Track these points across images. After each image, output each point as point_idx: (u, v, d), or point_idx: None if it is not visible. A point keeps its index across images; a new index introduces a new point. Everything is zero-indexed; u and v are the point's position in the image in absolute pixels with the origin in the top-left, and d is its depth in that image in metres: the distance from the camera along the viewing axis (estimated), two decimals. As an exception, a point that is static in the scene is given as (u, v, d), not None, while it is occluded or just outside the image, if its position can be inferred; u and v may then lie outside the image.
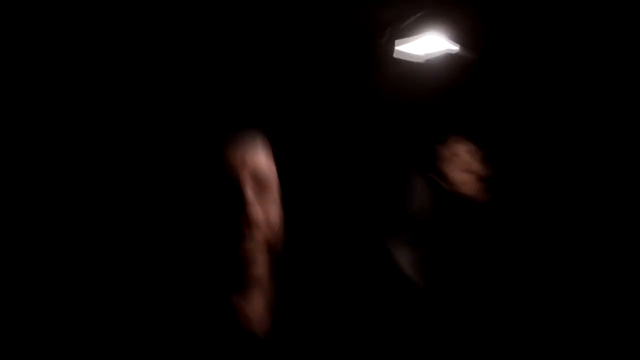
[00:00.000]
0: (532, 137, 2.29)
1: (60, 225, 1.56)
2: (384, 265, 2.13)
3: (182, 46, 1.55)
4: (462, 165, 2.00)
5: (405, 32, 1.50)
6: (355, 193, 2.49)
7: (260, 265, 0.84)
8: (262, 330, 0.88)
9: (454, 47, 1.62)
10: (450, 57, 1.68)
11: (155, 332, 0.82)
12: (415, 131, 2.22)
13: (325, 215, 2.53)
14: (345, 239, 2.34)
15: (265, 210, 0.85)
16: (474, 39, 1.60)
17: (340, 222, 2.34)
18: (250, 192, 0.83)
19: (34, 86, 1.48)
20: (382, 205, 2.36)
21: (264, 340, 0.87)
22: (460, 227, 2.05)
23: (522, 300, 2.11)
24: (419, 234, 2.12)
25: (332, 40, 1.66)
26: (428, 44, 1.58)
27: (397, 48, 1.58)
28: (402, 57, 1.65)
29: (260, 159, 0.87)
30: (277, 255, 0.88)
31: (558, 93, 2.06)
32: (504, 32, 1.65)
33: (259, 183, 0.86)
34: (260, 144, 0.89)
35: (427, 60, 1.72)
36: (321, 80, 1.87)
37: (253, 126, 0.92)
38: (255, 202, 0.83)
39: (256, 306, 0.88)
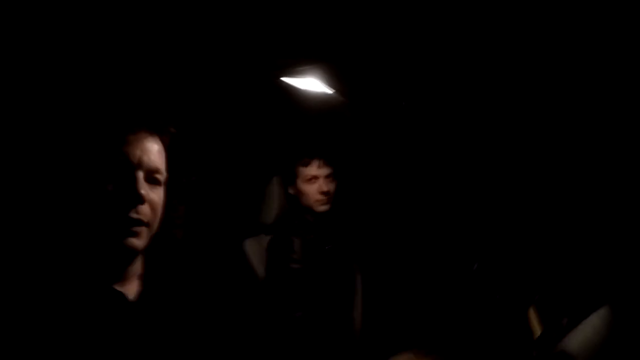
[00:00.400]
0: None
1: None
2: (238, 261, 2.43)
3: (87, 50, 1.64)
4: (319, 185, 2.39)
5: (291, 72, 1.81)
6: (225, 198, 2.70)
7: (142, 236, 1.04)
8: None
9: (328, 90, 1.98)
10: (325, 96, 2.03)
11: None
12: (284, 152, 2.55)
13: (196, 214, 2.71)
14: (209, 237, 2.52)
15: (152, 199, 1.06)
16: (343, 86, 1.97)
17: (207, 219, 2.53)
18: (143, 186, 1.04)
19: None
20: (244, 210, 2.65)
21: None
22: (307, 229, 2.44)
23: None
24: (273, 233, 2.46)
25: (226, 69, 1.88)
26: (309, 84, 1.91)
27: (284, 82, 1.89)
28: (287, 91, 1.96)
29: (156, 162, 1.07)
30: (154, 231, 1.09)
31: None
32: (365, 82, 2.06)
33: (152, 181, 1.06)
34: (157, 147, 1.09)
35: (308, 95, 2.05)
36: (213, 97, 2.08)
37: (153, 130, 1.10)
38: (148, 193, 1.04)
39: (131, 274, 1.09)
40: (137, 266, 1.10)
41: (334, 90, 1.98)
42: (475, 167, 2.49)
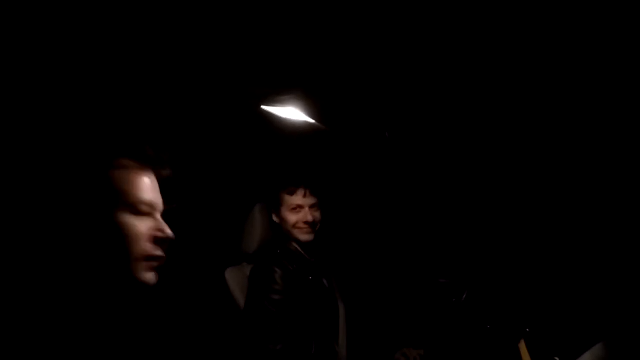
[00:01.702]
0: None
1: None
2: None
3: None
4: (304, 214, 2.36)
5: (271, 102, 1.81)
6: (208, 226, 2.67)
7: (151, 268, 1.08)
8: None
9: (310, 120, 1.97)
10: (308, 126, 2.02)
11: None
12: (268, 179, 2.52)
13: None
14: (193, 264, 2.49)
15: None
16: (323, 118, 1.97)
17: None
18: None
19: None
20: (228, 238, 2.61)
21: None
22: (289, 259, 2.39)
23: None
24: (255, 262, 2.42)
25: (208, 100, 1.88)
26: (290, 114, 1.90)
27: (265, 111, 1.87)
28: (269, 119, 1.95)
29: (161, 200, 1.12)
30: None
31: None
32: (347, 112, 2.05)
33: (151, 209, 1.10)
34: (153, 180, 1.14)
35: (291, 124, 2.04)
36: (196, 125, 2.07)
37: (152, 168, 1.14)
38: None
39: None
40: None
41: (314, 120, 1.97)
42: (463, 194, 2.48)
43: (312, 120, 1.93)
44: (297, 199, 2.39)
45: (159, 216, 1.10)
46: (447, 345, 2.20)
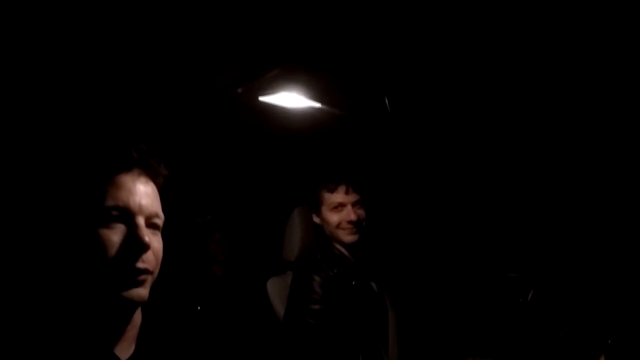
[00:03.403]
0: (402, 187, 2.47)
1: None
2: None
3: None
4: (346, 212, 2.13)
5: (262, 87, 1.60)
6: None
7: (147, 286, 0.97)
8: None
9: (315, 104, 1.73)
10: (316, 111, 1.79)
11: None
12: (304, 179, 2.32)
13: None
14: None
15: (155, 246, 0.99)
16: (332, 97, 1.72)
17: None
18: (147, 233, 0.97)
19: None
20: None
21: None
22: (330, 264, 2.16)
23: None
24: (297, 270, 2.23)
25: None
26: (290, 99, 1.68)
27: (260, 99, 1.68)
28: (267, 107, 1.75)
29: (154, 205, 1.01)
30: (155, 279, 1.01)
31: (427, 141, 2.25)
32: (360, 90, 1.79)
33: (152, 226, 1.00)
34: (153, 190, 1.03)
35: (296, 111, 1.82)
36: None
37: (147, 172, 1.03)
38: (151, 240, 0.97)
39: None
40: (136, 321, 1.03)
41: (320, 104, 1.73)
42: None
43: (317, 104, 1.70)
44: (339, 196, 2.16)
45: (139, 222, 0.96)
46: (515, 355, 1.84)
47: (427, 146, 2.16)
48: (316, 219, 2.26)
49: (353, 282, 2.15)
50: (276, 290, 2.32)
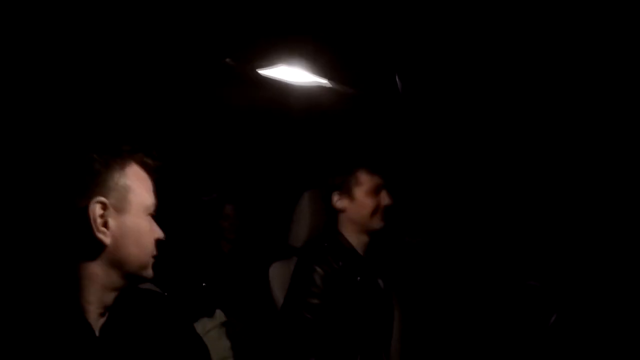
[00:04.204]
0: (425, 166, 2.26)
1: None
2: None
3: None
4: (383, 196, 1.95)
5: (262, 61, 1.43)
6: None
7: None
8: None
9: (321, 80, 1.55)
10: (323, 87, 1.61)
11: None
12: (315, 157, 2.15)
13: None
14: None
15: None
16: (339, 72, 1.54)
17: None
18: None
19: None
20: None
21: None
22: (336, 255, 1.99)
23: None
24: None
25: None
26: (294, 74, 1.50)
27: (261, 72, 1.51)
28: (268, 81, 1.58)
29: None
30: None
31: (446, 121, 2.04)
32: (368, 65, 1.60)
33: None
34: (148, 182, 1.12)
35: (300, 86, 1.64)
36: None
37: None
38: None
39: None
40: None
41: (327, 80, 1.54)
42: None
43: (323, 80, 1.51)
44: (380, 178, 1.96)
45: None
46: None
47: (442, 134, 1.95)
48: (339, 203, 2.03)
49: (358, 278, 1.98)
50: (278, 276, 2.19)
